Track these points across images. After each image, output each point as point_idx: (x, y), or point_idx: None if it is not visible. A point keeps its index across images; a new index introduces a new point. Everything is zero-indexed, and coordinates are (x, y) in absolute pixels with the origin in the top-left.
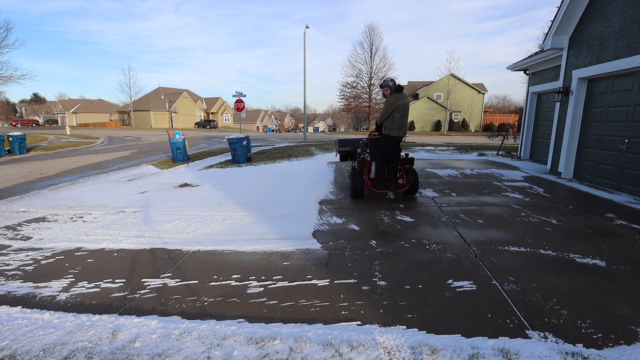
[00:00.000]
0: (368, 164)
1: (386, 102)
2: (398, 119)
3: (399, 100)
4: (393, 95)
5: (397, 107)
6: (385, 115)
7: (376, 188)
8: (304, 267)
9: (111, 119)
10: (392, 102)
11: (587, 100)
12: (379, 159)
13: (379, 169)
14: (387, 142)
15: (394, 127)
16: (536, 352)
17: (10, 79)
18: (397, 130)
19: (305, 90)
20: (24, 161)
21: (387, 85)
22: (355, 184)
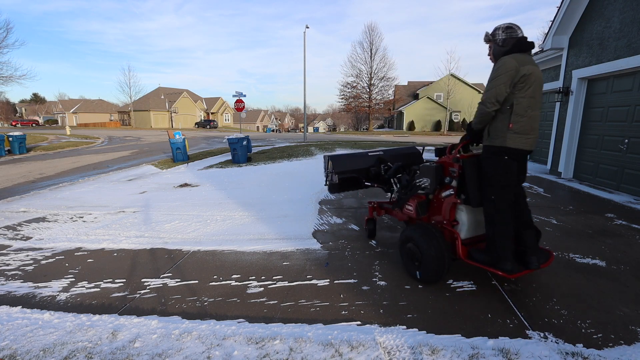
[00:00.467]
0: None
1: (496, 70)
2: (524, 111)
3: (525, 65)
4: (512, 56)
5: (521, 80)
6: (492, 102)
7: (500, 268)
8: (304, 267)
9: (111, 119)
10: (511, 67)
11: (587, 100)
12: (500, 201)
13: (503, 225)
14: (505, 165)
15: (515, 128)
16: (536, 352)
17: (10, 79)
18: (522, 139)
19: (305, 90)
20: (24, 161)
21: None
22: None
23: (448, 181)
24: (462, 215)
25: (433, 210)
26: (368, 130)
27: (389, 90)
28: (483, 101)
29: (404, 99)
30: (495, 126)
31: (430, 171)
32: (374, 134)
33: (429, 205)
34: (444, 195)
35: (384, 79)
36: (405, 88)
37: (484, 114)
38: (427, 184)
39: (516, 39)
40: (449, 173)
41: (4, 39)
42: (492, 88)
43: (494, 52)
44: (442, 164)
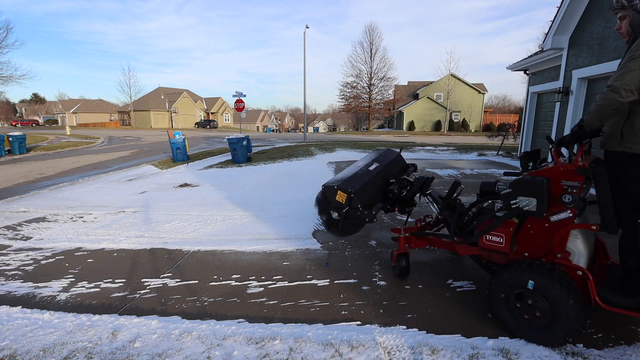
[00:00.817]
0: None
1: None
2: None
3: None
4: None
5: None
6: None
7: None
8: (304, 267)
9: (111, 119)
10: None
11: (587, 100)
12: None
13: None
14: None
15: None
16: (536, 352)
17: (10, 79)
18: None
19: (305, 90)
20: (24, 161)
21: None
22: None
23: (567, 200)
24: (579, 243)
25: (523, 241)
26: (368, 130)
27: (389, 90)
28: (615, 87)
29: (404, 99)
30: (635, 126)
31: (540, 187)
32: (374, 134)
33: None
34: (554, 220)
35: (384, 79)
36: (405, 88)
37: (611, 106)
38: (532, 205)
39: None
40: (564, 189)
41: (4, 39)
42: (631, 71)
43: (632, 23)
44: (551, 178)
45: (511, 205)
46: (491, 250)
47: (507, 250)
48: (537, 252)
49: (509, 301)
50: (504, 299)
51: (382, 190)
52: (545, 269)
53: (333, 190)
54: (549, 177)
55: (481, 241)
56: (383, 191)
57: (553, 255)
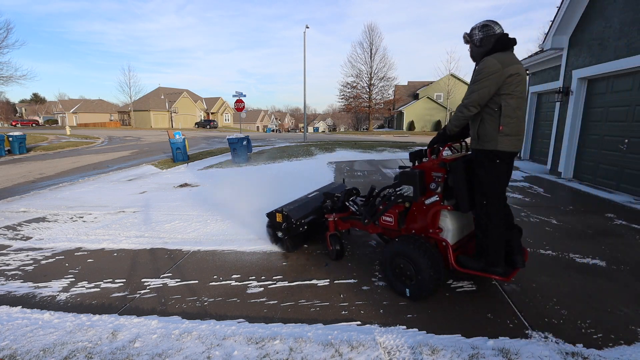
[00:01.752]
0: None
1: (478, 73)
2: (513, 112)
3: (510, 65)
4: (494, 57)
5: (508, 81)
6: (474, 105)
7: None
8: (304, 267)
9: (111, 119)
10: (494, 69)
11: (587, 100)
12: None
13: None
14: (497, 168)
15: (506, 130)
16: (536, 352)
17: (10, 79)
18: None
19: (305, 90)
20: (24, 161)
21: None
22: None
23: (433, 187)
24: (447, 221)
25: (411, 220)
26: (368, 130)
27: (389, 90)
28: (465, 104)
29: (404, 99)
30: (485, 129)
31: (414, 178)
32: (374, 134)
33: (407, 215)
34: (427, 203)
35: (384, 79)
36: (405, 88)
37: (464, 117)
38: (410, 192)
39: (495, 36)
40: (433, 179)
41: (4, 39)
42: (474, 91)
43: (473, 54)
44: (424, 170)
45: (397, 192)
46: (386, 228)
47: (396, 227)
48: (420, 229)
49: (392, 265)
50: (389, 264)
51: (319, 207)
52: (413, 242)
53: (273, 215)
54: (423, 170)
55: (379, 221)
56: (320, 207)
57: (427, 230)
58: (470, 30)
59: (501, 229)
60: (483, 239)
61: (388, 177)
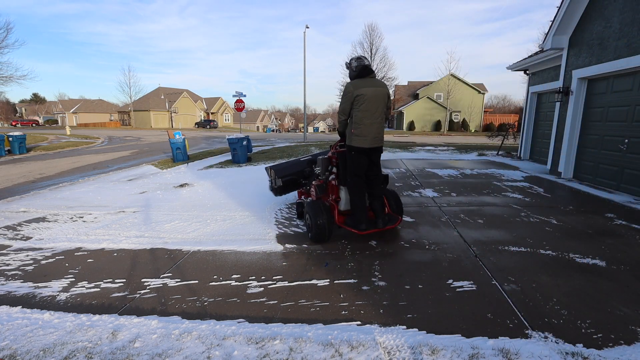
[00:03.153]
0: (334, 189)
1: (343, 92)
2: (360, 120)
3: (360, 88)
4: (351, 83)
5: (356, 100)
6: (342, 115)
7: (356, 228)
8: (304, 267)
9: (111, 119)
10: (349, 90)
11: (587, 100)
12: (353, 183)
13: (356, 198)
14: (353, 157)
15: (355, 132)
16: (536, 352)
17: (10, 79)
18: (361, 139)
19: (305, 90)
20: (24, 161)
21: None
22: (318, 220)
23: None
24: (342, 193)
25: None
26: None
27: (389, 90)
28: (339, 114)
29: (404, 99)
30: (347, 131)
31: (322, 162)
32: None
33: (327, 188)
34: (330, 179)
35: (384, 79)
36: (405, 88)
37: (339, 122)
38: (318, 170)
39: (360, 67)
40: (333, 163)
41: (4, 39)
42: (341, 105)
43: (349, 76)
44: (329, 157)
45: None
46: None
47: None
48: (326, 198)
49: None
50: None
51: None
52: (312, 204)
53: (268, 170)
54: (329, 157)
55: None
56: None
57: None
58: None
59: (362, 198)
60: (351, 204)
61: (388, 177)
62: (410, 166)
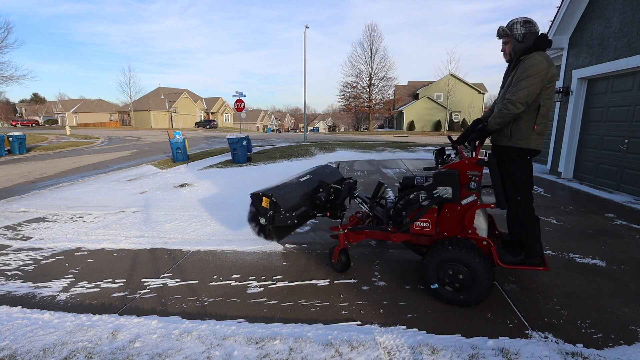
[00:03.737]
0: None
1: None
2: (546, 113)
3: (552, 65)
4: (541, 54)
5: (549, 80)
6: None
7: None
8: (304, 267)
9: (111, 119)
10: (544, 67)
11: (587, 100)
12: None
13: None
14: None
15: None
16: (536, 352)
17: (10, 79)
18: (541, 140)
19: (305, 90)
20: (24, 161)
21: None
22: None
23: (474, 187)
24: (482, 220)
25: (442, 223)
26: (368, 130)
27: (389, 90)
28: (513, 101)
29: (404, 99)
30: (520, 127)
31: (453, 178)
32: (374, 134)
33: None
34: (464, 203)
35: (384, 79)
36: (405, 88)
37: (510, 115)
38: (449, 192)
39: (537, 34)
40: (470, 178)
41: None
42: (524, 88)
43: (514, 48)
44: (460, 170)
45: (433, 195)
46: (420, 235)
47: (432, 232)
48: (453, 231)
49: (439, 273)
50: (435, 271)
51: (310, 197)
52: (466, 247)
53: (259, 197)
54: (459, 169)
55: (412, 227)
56: (311, 198)
57: (465, 231)
58: (509, 24)
59: (535, 222)
60: (521, 233)
61: (388, 177)
62: (410, 166)
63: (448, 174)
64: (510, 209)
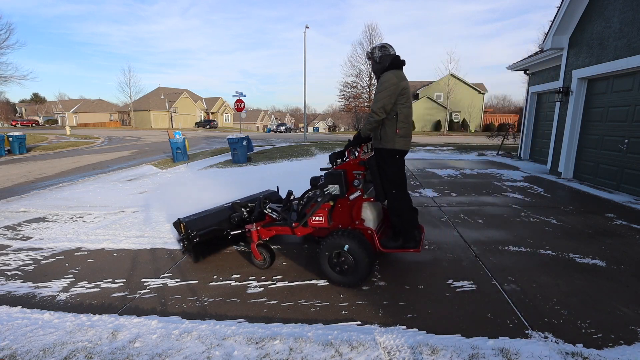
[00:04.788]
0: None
1: (382, 83)
2: (406, 118)
3: (402, 80)
4: (392, 72)
5: (402, 92)
6: (381, 112)
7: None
8: (304, 267)
9: (111, 119)
10: (393, 82)
11: (587, 100)
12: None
13: (407, 212)
14: (399, 163)
15: (401, 133)
16: (536, 352)
17: (10, 79)
18: (405, 141)
19: (305, 90)
20: (24, 161)
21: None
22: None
23: (357, 184)
24: (368, 212)
25: (337, 216)
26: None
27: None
28: (374, 111)
29: None
30: (386, 132)
31: (339, 177)
32: None
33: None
34: (352, 198)
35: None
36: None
37: (374, 122)
38: (337, 190)
39: (391, 56)
40: (354, 176)
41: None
42: (379, 100)
43: (373, 69)
44: (346, 169)
45: (324, 192)
46: (316, 228)
47: (326, 225)
48: (346, 223)
49: (329, 260)
50: (330, 259)
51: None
52: (351, 236)
53: (178, 223)
54: (345, 169)
55: (310, 222)
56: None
57: (354, 223)
58: (371, 49)
59: (410, 212)
60: (398, 221)
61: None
62: (410, 166)
63: (335, 174)
64: (389, 202)
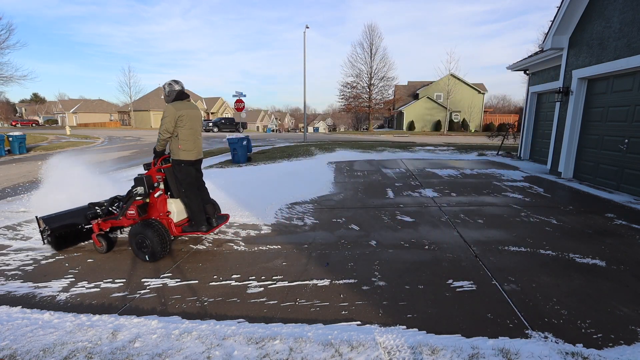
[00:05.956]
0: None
1: (164, 112)
2: (186, 137)
3: (181, 110)
4: (173, 104)
5: (179, 119)
6: (165, 133)
7: (200, 230)
8: (304, 267)
9: (111, 119)
10: (171, 112)
11: (587, 100)
12: (189, 192)
13: (195, 205)
14: (184, 169)
15: (183, 147)
16: (536, 352)
17: (10, 79)
18: (188, 153)
19: (305, 90)
20: (24, 161)
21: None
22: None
23: (157, 185)
24: (172, 206)
25: (151, 209)
26: (368, 130)
27: (389, 90)
28: (160, 132)
29: (404, 99)
30: (172, 147)
31: (142, 181)
32: (374, 133)
33: (147, 207)
34: (156, 196)
35: (384, 79)
36: (405, 88)
37: (162, 140)
38: (141, 190)
39: (176, 91)
40: (156, 180)
41: (5, 40)
42: (162, 125)
43: (165, 100)
44: (150, 175)
45: (133, 192)
46: (134, 219)
47: (138, 217)
48: (154, 215)
49: (135, 241)
50: (133, 240)
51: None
52: (144, 224)
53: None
54: (150, 175)
55: (127, 214)
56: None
57: (158, 214)
58: (163, 84)
59: (198, 204)
60: (189, 211)
61: (388, 177)
62: (410, 166)
63: (139, 178)
64: (181, 198)
